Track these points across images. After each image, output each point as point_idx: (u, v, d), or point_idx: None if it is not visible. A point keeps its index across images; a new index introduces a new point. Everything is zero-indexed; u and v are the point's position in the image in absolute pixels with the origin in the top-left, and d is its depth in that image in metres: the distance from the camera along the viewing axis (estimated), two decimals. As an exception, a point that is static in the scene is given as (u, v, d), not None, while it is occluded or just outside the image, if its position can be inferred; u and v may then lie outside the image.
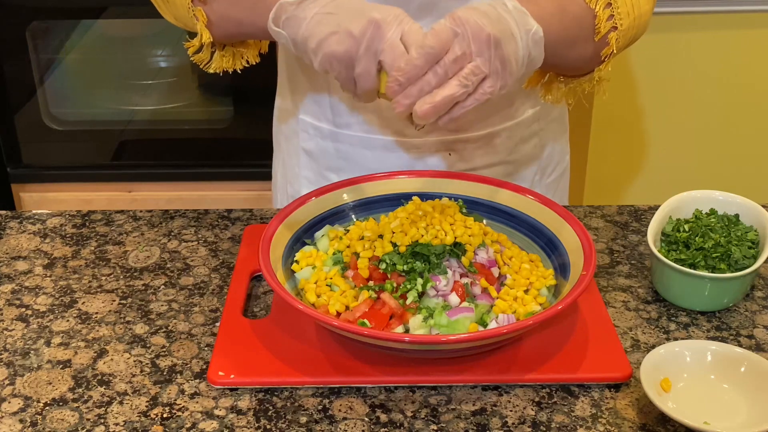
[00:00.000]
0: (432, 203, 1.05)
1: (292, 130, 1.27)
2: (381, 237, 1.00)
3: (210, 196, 2.18)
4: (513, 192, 1.08)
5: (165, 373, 0.92)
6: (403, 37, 0.89)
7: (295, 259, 1.01)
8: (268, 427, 0.86)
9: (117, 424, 0.86)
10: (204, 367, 0.93)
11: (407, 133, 1.17)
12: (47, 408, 0.88)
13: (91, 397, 0.89)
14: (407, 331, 0.91)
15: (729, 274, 0.98)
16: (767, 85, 2.16)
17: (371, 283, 0.96)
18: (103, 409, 0.88)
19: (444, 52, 0.87)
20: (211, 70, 1.10)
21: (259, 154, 1.83)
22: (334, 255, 1.00)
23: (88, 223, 1.19)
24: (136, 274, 1.08)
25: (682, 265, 1.00)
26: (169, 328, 0.99)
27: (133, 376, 0.92)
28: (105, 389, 0.90)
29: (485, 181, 1.09)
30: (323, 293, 0.95)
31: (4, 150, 2.15)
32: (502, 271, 0.99)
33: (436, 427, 0.85)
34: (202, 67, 1.09)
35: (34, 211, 1.22)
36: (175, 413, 0.87)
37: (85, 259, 1.11)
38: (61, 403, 0.88)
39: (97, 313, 1.02)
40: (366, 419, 0.86)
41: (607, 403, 0.89)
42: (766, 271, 1.09)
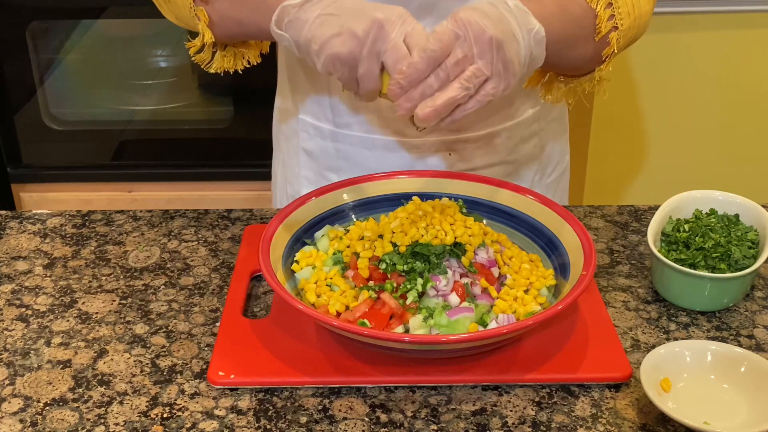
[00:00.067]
0: (432, 203, 1.05)
1: (292, 130, 1.27)
2: (381, 237, 1.00)
3: (210, 196, 2.18)
4: (513, 192, 1.08)
5: (165, 373, 0.92)
6: (406, 38, 0.89)
7: (295, 259, 1.01)
8: (268, 427, 0.86)
9: (117, 424, 0.86)
10: (204, 367, 0.93)
11: (407, 133, 1.17)
12: (47, 408, 0.88)
13: (91, 397, 0.89)
14: (407, 331, 0.91)
15: (729, 274, 0.98)
16: (767, 85, 2.16)
17: (371, 283, 0.96)
18: (103, 409, 0.88)
19: (446, 54, 0.87)
20: (212, 70, 1.10)
21: (259, 154, 1.83)
22: (334, 255, 1.00)
23: (88, 223, 1.19)
24: (136, 274, 1.08)
25: (682, 265, 1.00)
26: (169, 328, 0.99)
27: (133, 376, 0.92)
28: (105, 389, 0.90)
29: (485, 181, 1.09)
30: (323, 293, 0.95)
31: (4, 150, 2.15)
32: (502, 271, 0.99)
33: (436, 427, 0.85)
34: (203, 67, 1.09)
35: (34, 211, 1.22)
36: (175, 413, 0.87)
37: (85, 259, 1.11)
38: (61, 403, 0.88)
39: (97, 313, 1.02)
40: (366, 419, 0.86)
41: (607, 403, 0.89)
42: (766, 271, 1.09)
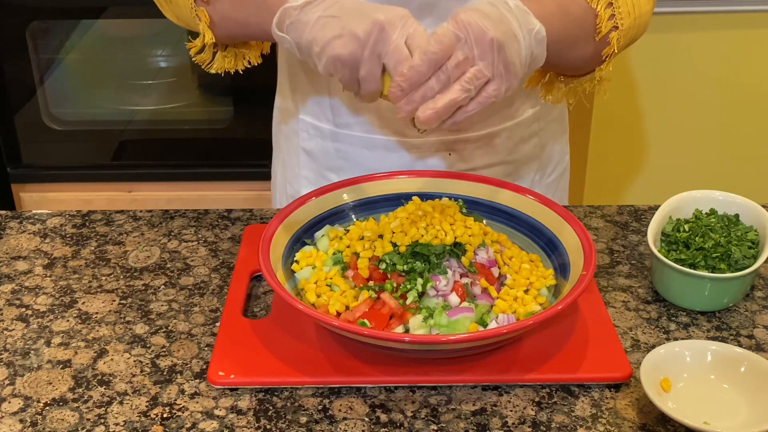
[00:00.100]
0: (432, 203, 1.05)
1: (292, 130, 1.27)
2: (381, 237, 1.00)
3: (210, 196, 2.18)
4: (513, 192, 1.07)
5: (165, 373, 0.92)
6: (408, 40, 0.89)
7: (295, 259, 1.01)
8: (268, 427, 0.86)
9: (117, 424, 0.86)
10: (204, 367, 0.93)
11: (407, 133, 1.17)
12: (47, 408, 0.88)
13: (91, 397, 0.89)
14: (407, 331, 0.91)
15: (729, 274, 0.98)
16: (767, 85, 2.16)
17: (371, 283, 0.96)
18: (103, 409, 0.88)
19: (447, 56, 0.87)
20: (212, 71, 1.10)
21: (259, 154, 1.83)
22: (334, 255, 1.00)
23: (88, 223, 1.19)
24: (136, 274, 1.08)
25: (682, 265, 1.00)
26: (169, 328, 0.99)
27: (133, 376, 0.92)
28: (105, 389, 0.90)
29: (485, 181, 1.09)
30: (323, 293, 0.95)
31: (4, 150, 2.15)
32: (502, 271, 0.99)
33: (436, 427, 0.85)
34: (203, 68, 1.09)
35: (34, 211, 1.22)
36: (175, 413, 0.87)
37: (85, 259, 1.11)
38: (61, 403, 0.88)
39: (97, 313, 1.02)
40: (366, 419, 0.86)
41: (607, 403, 0.88)
42: (766, 271, 1.09)
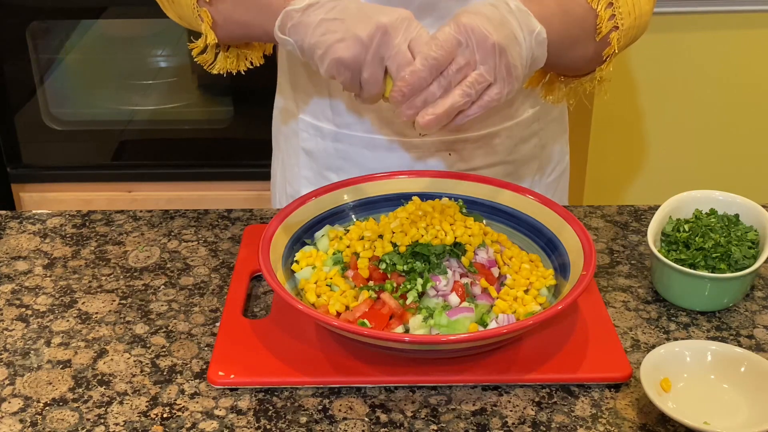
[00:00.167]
0: (432, 203, 1.05)
1: (292, 130, 1.27)
2: (381, 237, 1.00)
3: (210, 196, 2.18)
4: (513, 192, 1.07)
5: (165, 373, 0.92)
6: (411, 43, 0.89)
7: (295, 259, 1.01)
8: (268, 427, 0.86)
9: (117, 424, 0.86)
10: (204, 367, 0.93)
11: (408, 134, 1.17)
12: (47, 408, 0.88)
13: (91, 397, 0.89)
14: (407, 331, 0.91)
15: (729, 274, 0.98)
16: (767, 85, 2.16)
17: (371, 283, 0.96)
18: (103, 409, 0.88)
19: (449, 61, 0.87)
20: (215, 71, 1.10)
21: (258, 154, 1.83)
22: (334, 255, 1.00)
23: (88, 223, 1.19)
24: (136, 274, 1.08)
25: (682, 265, 1.00)
26: (169, 328, 0.99)
27: (133, 376, 0.92)
28: (105, 389, 0.90)
29: (485, 181, 1.09)
30: (323, 293, 0.95)
31: (4, 150, 2.15)
32: (502, 271, 0.99)
33: (436, 427, 0.85)
34: (206, 68, 1.09)
35: (34, 211, 1.22)
36: (175, 413, 0.87)
37: (85, 259, 1.11)
38: (61, 403, 0.88)
39: (97, 313, 1.02)
40: (366, 419, 0.86)
41: (607, 403, 0.88)
42: (766, 271, 1.09)
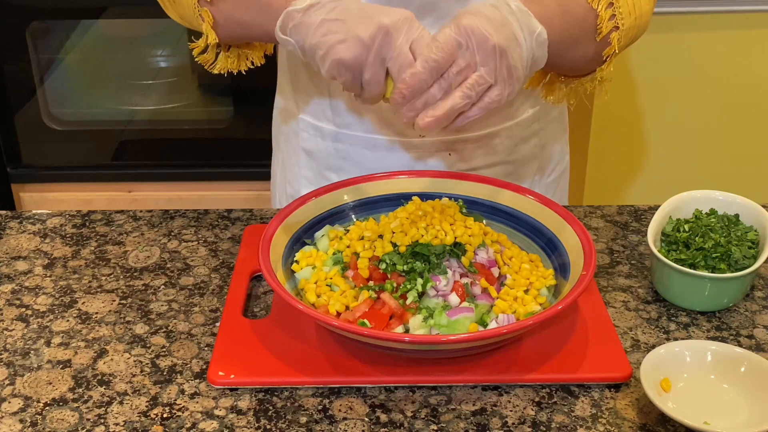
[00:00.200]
0: (432, 203, 1.05)
1: (292, 130, 1.27)
2: (381, 237, 1.00)
3: (210, 196, 2.18)
4: (513, 192, 1.07)
5: (165, 373, 0.92)
6: (412, 45, 0.89)
7: (295, 259, 1.01)
8: (268, 427, 0.86)
9: (117, 424, 0.86)
10: (204, 367, 0.93)
11: (407, 134, 1.17)
12: (47, 408, 0.88)
13: (91, 397, 0.89)
14: (407, 331, 0.91)
15: (729, 274, 0.98)
16: (767, 85, 2.16)
17: (371, 283, 0.96)
18: (103, 409, 0.88)
19: (449, 63, 0.87)
20: (215, 71, 1.09)
21: (259, 154, 1.83)
22: (334, 255, 1.00)
23: (88, 223, 1.19)
24: (136, 274, 1.08)
25: (682, 265, 1.00)
26: (169, 328, 0.99)
27: (133, 376, 0.92)
28: (105, 389, 0.90)
29: (485, 181, 1.09)
30: (323, 293, 0.95)
31: (4, 150, 2.15)
32: (502, 271, 0.99)
33: (436, 427, 0.85)
34: (206, 68, 1.09)
35: (34, 211, 1.22)
36: (175, 413, 0.87)
37: (85, 259, 1.11)
38: (61, 403, 0.88)
39: (97, 313, 1.02)
40: (366, 419, 0.86)
41: (607, 403, 0.88)
42: (766, 271, 1.09)
